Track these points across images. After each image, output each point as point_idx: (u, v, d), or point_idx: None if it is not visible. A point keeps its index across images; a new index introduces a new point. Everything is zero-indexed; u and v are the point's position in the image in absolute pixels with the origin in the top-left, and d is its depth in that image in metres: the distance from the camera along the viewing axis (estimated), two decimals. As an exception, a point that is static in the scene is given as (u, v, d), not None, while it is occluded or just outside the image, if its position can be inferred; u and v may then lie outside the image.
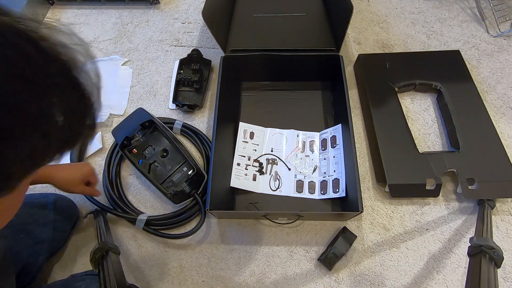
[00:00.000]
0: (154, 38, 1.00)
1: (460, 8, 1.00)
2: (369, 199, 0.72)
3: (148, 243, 0.70)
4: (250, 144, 0.78)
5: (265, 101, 0.85)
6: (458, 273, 0.63)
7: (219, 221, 0.71)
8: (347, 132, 0.69)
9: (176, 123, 0.81)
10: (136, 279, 0.66)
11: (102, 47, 0.99)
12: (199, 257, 0.68)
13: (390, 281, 0.64)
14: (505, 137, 0.76)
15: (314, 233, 0.69)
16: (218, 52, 0.92)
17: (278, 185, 0.74)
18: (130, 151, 0.73)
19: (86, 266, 0.67)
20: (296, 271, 0.65)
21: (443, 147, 0.77)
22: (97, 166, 0.79)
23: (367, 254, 0.66)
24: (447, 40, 0.93)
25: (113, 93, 0.90)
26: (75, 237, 0.71)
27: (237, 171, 0.74)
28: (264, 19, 0.92)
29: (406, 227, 0.68)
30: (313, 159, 0.76)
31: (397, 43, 0.93)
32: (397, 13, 1.00)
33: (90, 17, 1.06)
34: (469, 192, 0.67)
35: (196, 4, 1.07)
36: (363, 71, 0.84)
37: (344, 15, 0.74)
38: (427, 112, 0.82)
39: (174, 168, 0.71)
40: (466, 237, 0.66)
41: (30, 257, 0.60)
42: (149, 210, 0.74)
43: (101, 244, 0.60)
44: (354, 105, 0.84)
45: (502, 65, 0.87)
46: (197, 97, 0.84)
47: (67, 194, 0.74)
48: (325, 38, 0.86)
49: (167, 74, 0.93)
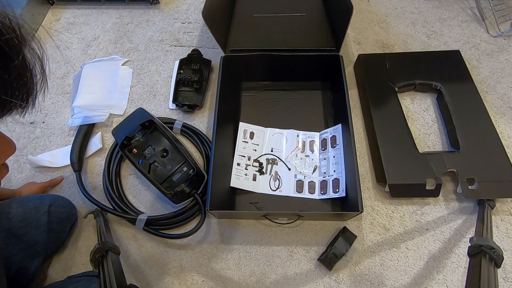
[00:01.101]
0: (154, 38, 1.00)
1: (460, 8, 1.00)
2: (369, 199, 0.72)
3: (148, 243, 0.70)
4: (250, 144, 0.78)
5: (265, 101, 0.85)
6: (458, 273, 0.63)
7: (219, 221, 0.71)
8: (347, 132, 0.69)
9: (176, 123, 0.81)
10: (136, 279, 0.66)
11: (102, 47, 0.99)
12: (199, 257, 0.68)
13: (390, 281, 0.64)
14: (505, 137, 0.76)
15: (314, 233, 0.69)
16: (218, 52, 0.92)
17: (278, 185, 0.74)
18: (130, 151, 0.73)
19: (86, 266, 0.67)
20: (296, 271, 0.65)
21: (443, 147, 0.77)
22: (97, 166, 0.80)
23: (367, 254, 0.66)
24: (447, 40, 0.93)
25: (113, 93, 0.90)
26: (75, 237, 0.71)
27: (237, 171, 0.74)
28: (264, 19, 0.92)
29: (406, 227, 0.68)
30: (313, 159, 0.76)
31: (397, 43, 0.93)
32: (397, 13, 1.00)
33: (90, 17, 1.06)
34: (469, 192, 0.67)
35: (196, 4, 1.07)
36: (363, 71, 0.84)
37: (344, 15, 0.74)
38: (427, 112, 0.82)
39: (174, 168, 0.71)
40: (466, 237, 0.66)
41: (24, 260, 0.59)
42: (149, 210, 0.74)
43: (101, 244, 0.60)
44: (354, 105, 0.84)
45: (502, 65, 0.87)
46: (197, 97, 0.85)
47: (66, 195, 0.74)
48: (325, 38, 0.86)
49: (167, 74, 0.93)
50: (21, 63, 0.25)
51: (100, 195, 0.75)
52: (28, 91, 0.27)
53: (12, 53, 0.24)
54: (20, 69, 0.25)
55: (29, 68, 0.26)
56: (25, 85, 0.26)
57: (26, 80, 0.26)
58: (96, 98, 0.88)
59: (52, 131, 0.85)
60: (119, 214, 0.70)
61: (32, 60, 0.26)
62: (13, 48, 0.24)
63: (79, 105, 0.85)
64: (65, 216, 0.67)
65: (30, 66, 0.26)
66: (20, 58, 0.25)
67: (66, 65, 0.96)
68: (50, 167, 0.79)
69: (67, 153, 0.78)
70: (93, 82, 0.91)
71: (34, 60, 0.26)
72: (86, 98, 0.87)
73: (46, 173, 0.79)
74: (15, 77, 0.25)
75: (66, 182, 0.78)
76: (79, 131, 0.81)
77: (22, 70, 0.25)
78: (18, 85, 0.25)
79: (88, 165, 0.80)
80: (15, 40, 0.24)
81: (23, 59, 0.25)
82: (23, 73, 0.26)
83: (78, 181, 0.73)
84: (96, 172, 0.79)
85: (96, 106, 0.86)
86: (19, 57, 0.25)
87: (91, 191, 0.75)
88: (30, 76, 0.26)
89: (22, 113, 0.28)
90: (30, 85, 0.27)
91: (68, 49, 0.98)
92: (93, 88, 0.89)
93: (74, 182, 0.76)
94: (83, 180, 0.75)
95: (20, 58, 0.25)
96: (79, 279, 0.57)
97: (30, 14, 1.02)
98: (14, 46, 0.24)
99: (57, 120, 0.87)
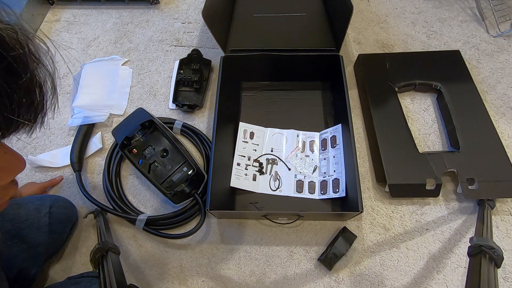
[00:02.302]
0: (154, 38, 1.00)
1: (460, 8, 1.00)
2: (369, 199, 0.72)
3: (148, 243, 0.70)
4: (250, 144, 0.78)
5: (265, 101, 0.85)
6: (458, 273, 0.63)
7: (219, 221, 0.71)
8: (347, 132, 0.69)
9: (176, 123, 0.81)
10: (136, 279, 0.66)
11: (102, 47, 0.99)
12: (199, 257, 0.68)
13: (390, 281, 0.64)
14: (505, 137, 0.76)
15: (314, 233, 0.69)
16: (218, 52, 0.92)
17: (278, 185, 0.74)
18: (130, 151, 0.73)
19: (86, 266, 0.67)
20: (296, 271, 0.65)
21: (443, 147, 0.77)
22: (97, 166, 0.80)
23: (367, 254, 0.66)
24: (447, 40, 0.93)
25: (113, 93, 0.90)
26: (75, 237, 0.71)
27: (237, 171, 0.74)
28: (264, 19, 0.92)
29: (406, 227, 0.68)
30: (313, 159, 0.76)
31: (397, 43, 0.93)
32: (397, 13, 1.00)
33: (90, 17, 1.06)
34: (469, 192, 0.67)
35: (196, 4, 1.07)
36: (363, 71, 0.84)
37: (344, 15, 0.74)
38: (427, 112, 0.82)
39: (174, 168, 0.71)
40: (466, 237, 0.66)
41: (26, 261, 0.59)
42: (149, 210, 0.74)
43: (101, 244, 0.60)
44: (354, 105, 0.84)
45: (502, 65, 0.87)
46: (197, 97, 0.84)
47: (66, 195, 0.74)
48: (325, 38, 0.86)
49: (167, 74, 0.93)
50: (29, 80, 0.24)
51: (100, 195, 0.75)
52: (36, 109, 0.25)
53: (21, 70, 0.23)
54: (29, 86, 0.24)
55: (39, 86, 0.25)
56: (33, 103, 0.25)
57: (35, 98, 0.25)
58: (96, 98, 0.88)
59: (52, 131, 0.85)
60: (119, 214, 0.70)
61: (42, 77, 0.25)
62: (21, 65, 0.23)
63: (79, 105, 0.85)
64: (66, 217, 0.67)
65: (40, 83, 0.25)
66: (29, 75, 0.23)
67: (66, 65, 0.96)
68: (50, 167, 0.79)
69: (67, 153, 0.78)
70: (93, 82, 0.91)
71: (44, 76, 0.25)
72: (86, 98, 0.87)
73: (46, 173, 0.79)
74: (23, 95, 0.23)
75: (66, 182, 0.78)
76: (79, 131, 0.81)
77: (30, 88, 0.24)
78: (26, 103, 0.24)
79: (88, 165, 0.80)
80: (25, 57, 0.23)
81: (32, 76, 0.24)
82: (31, 91, 0.24)
83: (78, 181, 0.73)
84: (96, 172, 0.79)
85: (96, 106, 0.86)
86: (27, 74, 0.23)
87: (91, 191, 0.75)
88: (39, 94, 0.25)
89: (29, 132, 0.26)
90: (39, 103, 0.25)
91: (68, 49, 0.98)
92: (93, 88, 0.89)
93: (74, 182, 0.76)
94: (83, 180, 0.75)
95: (28, 75, 0.23)
96: (79, 280, 0.57)
97: (30, 14, 1.02)
98: (23, 62, 0.23)
99: (57, 120, 0.87)
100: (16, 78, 0.22)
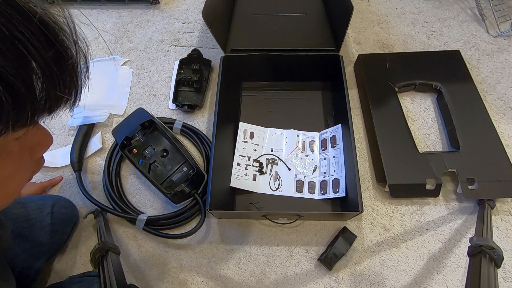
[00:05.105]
0: (154, 38, 1.00)
1: (460, 8, 1.00)
2: (369, 199, 0.72)
3: (148, 243, 0.70)
4: (250, 144, 0.78)
5: (265, 101, 0.85)
6: (458, 273, 0.63)
7: (219, 221, 0.71)
8: (347, 132, 0.69)
9: (176, 123, 0.81)
10: (136, 279, 0.66)
11: (102, 47, 0.99)
12: (199, 257, 0.68)
13: (390, 281, 0.64)
14: (505, 137, 0.76)
15: (314, 233, 0.69)
16: (218, 52, 0.92)
17: (278, 185, 0.74)
18: (130, 151, 0.73)
19: (86, 266, 0.67)
20: (296, 271, 0.65)
21: (443, 147, 0.77)
22: (97, 166, 0.80)
23: (367, 254, 0.66)
24: (447, 40, 0.93)
25: (113, 93, 0.90)
26: (75, 237, 0.71)
27: (237, 171, 0.74)
28: (264, 19, 0.92)
29: (406, 227, 0.68)
30: (313, 159, 0.76)
31: (397, 43, 0.93)
32: (397, 13, 1.00)
33: (90, 17, 1.06)
34: (469, 192, 0.67)
35: (196, 4, 1.07)
36: (363, 71, 0.84)
37: (344, 15, 0.74)
38: (427, 112, 0.82)
39: (174, 168, 0.71)
40: (466, 237, 0.66)
41: (28, 260, 0.59)
42: (149, 210, 0.74)
43: (101, 244, 0.60)
44: (354, 105, 0.84)
45: (502, 65, 0.87)
46: (197, 97, 0.84)
47: (66, 196, 0.74)
48: (325, 38, 0.86)
49: (167, 74, 0.93)
50: (73, 62, 0.26)
51: (100, 195, 0.75)
52: (76, 86, 0.28)
53: (66, 53, 0.25)
54: (73, 67, 0.26)
55: (79, 65, 0.28)
56: (75, 81, 0.28)
57: (76, 76, 0.28)
58: (96, 98, 0.88)
59: (52, 131, 0.84)
60: (119, 214, 0.70)
61: (81, 57, 0.27)
62: (67, 49, 0.25)
63: (79, 105, 0.85)
64: (67, 217, 0.67)
65: (79, 63, 0.27)
66: (74, 57, 0.26)
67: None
68: (50, 167, 0.79)
69: (67, 153, 0.78)
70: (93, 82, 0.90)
71: (81, 56, 0.27)
72: (86, 98, 0.87)
73: (45, 173, 0.79)
74: (67, 75, 0.26)
75: (66, 182, 0.78)
76: (79, 131, 0.81)
77: (73, 68, 0.27)
78: (70, 82, 0.27)
79: (88, 165, 0.80)
80: (71, 40, 0.26)
81: (76, 58, 0.27)
82: (74, 70, 0.27)
83: (78, 181, 0.73)
84: (96, 172, 0.79)
85: (96, 106, 0.86)
86: (73, 56, 0.26)
87: (91, 191, 0.75)
88: (79, 72, 0.28)
89: (70, 107, 0.30)
90: (78, 81, 0.28)
91: (68, 49, 0.98)
92: (93, 88, 0.89)
93: (74, 182, 0.76)
94: (83, 180, 0.75)
95: (73, 58, 0.26)
96: (81, 280, 0.57)
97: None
98: (68, 46, 0.25)
99: (57, 120, 0.87)
100: (63, 61, 0.25)
